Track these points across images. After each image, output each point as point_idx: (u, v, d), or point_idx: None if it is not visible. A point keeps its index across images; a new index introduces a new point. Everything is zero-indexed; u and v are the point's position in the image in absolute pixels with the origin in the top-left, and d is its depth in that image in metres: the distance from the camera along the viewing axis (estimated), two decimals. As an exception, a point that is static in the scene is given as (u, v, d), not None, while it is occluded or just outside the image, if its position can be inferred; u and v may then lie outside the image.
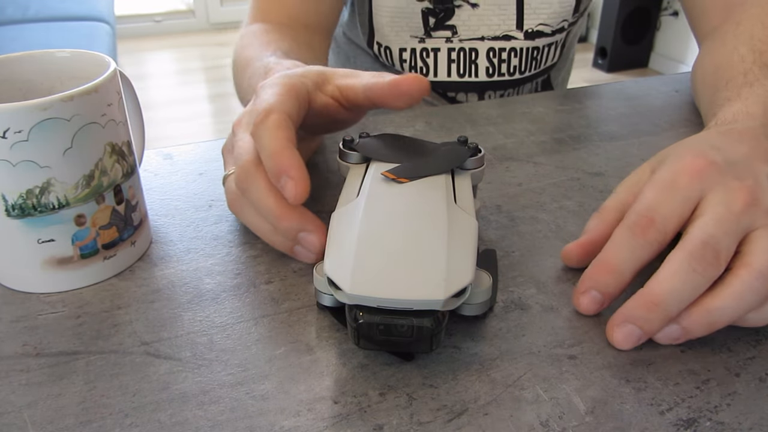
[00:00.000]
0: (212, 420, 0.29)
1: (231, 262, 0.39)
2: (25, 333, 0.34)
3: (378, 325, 0.29)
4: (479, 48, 0.73)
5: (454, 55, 0.74)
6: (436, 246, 0.31)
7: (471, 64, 0.74)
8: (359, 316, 0.29)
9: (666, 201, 0.33)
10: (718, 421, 0.29)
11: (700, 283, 0.30)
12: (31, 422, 0.29)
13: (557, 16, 0.73)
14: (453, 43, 0.73)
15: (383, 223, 0.32)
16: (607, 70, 3.06)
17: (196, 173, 0.50)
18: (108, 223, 0.37)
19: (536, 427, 0.28)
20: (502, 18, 0.72)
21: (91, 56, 0.39)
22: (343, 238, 0.31)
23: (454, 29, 0.72)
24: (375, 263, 0.30)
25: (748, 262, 0.30)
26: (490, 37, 0.73)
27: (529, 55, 0.75)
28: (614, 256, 0.33)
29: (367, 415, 0.29)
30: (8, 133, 0.32)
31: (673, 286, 0.30)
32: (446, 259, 0.30)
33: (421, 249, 0.31)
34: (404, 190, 0.35)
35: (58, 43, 1.95)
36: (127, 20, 3.46)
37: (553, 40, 0.75)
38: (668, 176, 0.34)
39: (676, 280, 0.30)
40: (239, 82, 0.60)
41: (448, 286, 0.29)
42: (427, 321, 0.29)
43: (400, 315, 0.29)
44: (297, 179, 0.32)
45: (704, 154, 0.34)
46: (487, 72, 0.75)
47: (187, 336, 0.34)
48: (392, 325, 0.29)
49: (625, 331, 0.32)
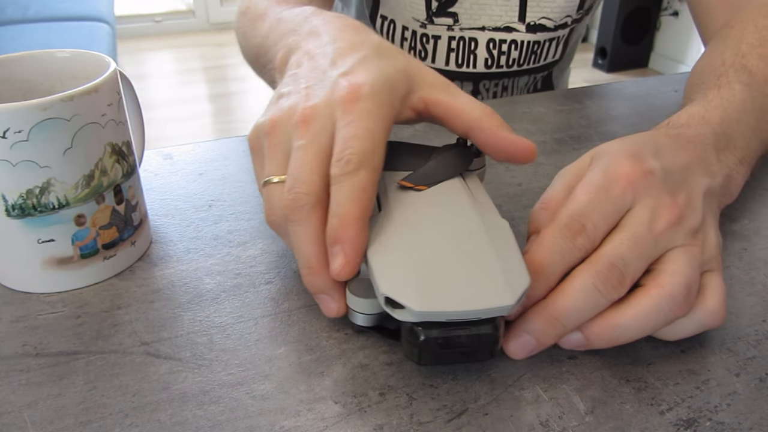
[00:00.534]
0: (212, 420, 0.29)
1: (231, 262, 0.39)
2: (25, 333, 0.34)
3: (437, 339, 0.28)
4: (479, 38, 0.73)
5: (453, 43, 0.74)
6: (485, 252, 0.30)
7: (470, 54, 0.74)
8: (420, 332, 0.28)
9: (598, 208, 0.32)
10: (718, 421, 0.29)
11: (601, 303, 0.30)
12: (31, 422, 0.29)
13: (561, 10, 0.72)
14: (454, 31, 0.73)
15: (424, 236, 0.31)
16: (607, 70, 3.06)
17: (196, 173, 0.50)
18: (108, 223, 0.37)
19: (536, 427, 0.28)
20: (505, 9, 0.71)
21: (91, 56, 0.39)
22: (389, 256, 0.30)
23: (455, 17, 0.72)
24: (435, 278, 0.29)
25: (660, 283, 0.30)
26: (491, 27, 0.72)
27: (530, 48, 0.74)
28: (544, 257, 0.32)
29: (367, 415, 0.29)
30: (8, 133, 0.32)
31: (574, 303, 0.30)
32: (500, 263, 0.29)
33: (472, 257, 0.30)
34: (428, 198, 0.34)
35: (58, 43, 1.95)
36: (127, 20, 3.46)
37: (555, 35, 0.74)
38: (602, 182, 0.33)
39: (579, 298, 0.30)
40: (250, 35, 0.55)
41: (514, 289, 0.28)
42: (487, 328, 0.29)
43: (461, 326, 0.29)
44: (349, 259, 0.30)
45: (643, 160, 0.33)
46: (486, 63, 0.75)
47: (187, 336, 0.34)
48: (454, 338, 0.28)
49: (521, 342, 0.31)
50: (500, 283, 0.29)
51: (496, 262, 0.29)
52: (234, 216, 0.44)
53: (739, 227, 0.43)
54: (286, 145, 0.33)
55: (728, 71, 0.46)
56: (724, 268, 0.39)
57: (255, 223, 0.43)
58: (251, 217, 0.44)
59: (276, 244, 0.41)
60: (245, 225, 0.43)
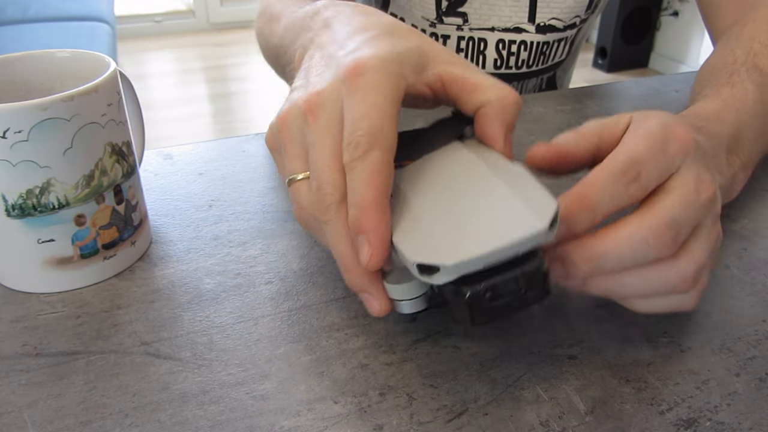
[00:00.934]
0: (212, 420, 0.29)
1: (231, 262, 0.39)
2: (25, 333, 0.34)
3: (486, 292, 0.27)
4: (488, 39, 0.73)
5: (463, 44, 0.73)
6: (501, 190, 0.29)
7: (479, 54, 0.74)
8: (464, 289, 0.27)
9: (654, 161, 0.31)
10: (718, 421, 0.29)
11: (647, 257, 0.30)
12: (31, 422, 0.29)
13: (570, 11, 0.72)
14: (463, 31, 0.73)
15: (436, 198, 0.30)
16: (607, 70, 3.06)
17: (196, 173, 0.50)
18: (108, 223, 0.37)
19: (536, 427, 0.28)
20: (515, 9, 0.71)
21: (91, 56, 0.39)
22: (408, 226, 0.29)
23: (465, 17, 0.72)
24: (459, 229, 0.28)
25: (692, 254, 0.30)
26: (501, 28, 0.72)
27: (539, 49, 0.74)
28: (594, 194, 0.30)
29: (367, 415, 0.29)
30: (8, 133, 0.32)
31: (619, 248, 0.29)
32: (518, 196, 0.28)
33: (490, 199, 0.29)
34: (430, 165, 0.32)
35: (58, 43, 1.95)
36: (127, 20, 3.46)
37: (563, 35, 0.74)
38: (661, 135, 0.32)
39: (625, 245, 0.29)
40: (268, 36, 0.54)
41: (542, 214, 0.27)
42: (532, 264, 0.27)
43: (504, 271, 0.27)
44: (375, 247, 0.29)
45: (692, 131, 0.33)
46: (495, 64, 0.74)
47: (187, 336, 0.34)
48: (501, 284, 0.27)
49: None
50: (526, 213, 0.27)
51: (514, 195, 0.28)
52: (234, 216, 0.44)
53: (739, 227, 0.43)
54: (301, 138, 0.32)
55: (740, 69, 0.47)
56: (724, 268, 0.39)
57: (255, 223, 0.43)
58: (251, 217, 0.44)
59: (276, 244, 0.41)
60: (245, 225, 0.43)
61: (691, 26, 2.86)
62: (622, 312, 0.35)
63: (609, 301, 0.35)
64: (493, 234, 0.27)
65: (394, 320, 0.35)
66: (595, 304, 0.35)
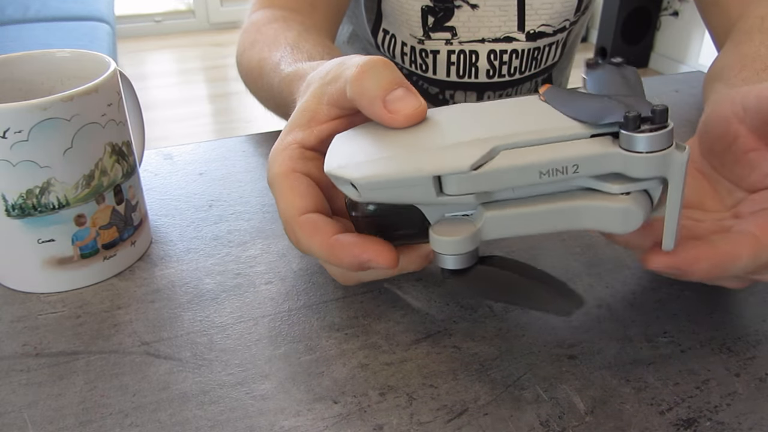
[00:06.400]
0: (212, 420, 0.29)
1: (231, 262, 0.39)
2: (25, 333, 0.34)
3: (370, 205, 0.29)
4: (479, 50, 0.73)
5: (453, 57, 0.74)
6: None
7: (471, 66, 0.74)
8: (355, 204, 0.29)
9: None
10: (718, 421, 0.29)
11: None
12: (31, 422, 0.29)
13: (559, 15, 0.72)
14: (453, 45, 0.73)
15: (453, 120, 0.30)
16: (607, 70, 3.05)
17: (196, 173, 0.50)
18: (108, 223, 0.37)
19: (536, 427, 0.28)
20: (503, 19, 0.71)
21: (91, 56, 0.39)
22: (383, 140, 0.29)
23: (453, 31, 0.72)
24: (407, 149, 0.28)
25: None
26: (491, 39, 0.72)
27: (530, 56, 0.74)
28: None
29: (367, 415, 0.29)
30: (8, 133, 0.32)
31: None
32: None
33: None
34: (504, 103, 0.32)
35: (58, 43, 1.95)
36: (127, 20, 3.46)
37: (554, 39, 0.74)
38: None
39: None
40: (255, 89, 0.56)
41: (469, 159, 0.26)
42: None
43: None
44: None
45: None
46: (488, 74, 0.75)
47: (187, 336, 0.34)
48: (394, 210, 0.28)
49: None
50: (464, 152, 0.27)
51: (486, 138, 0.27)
52: (234, 216, 0.44)
53: (739, 227, 0.43)
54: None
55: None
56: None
57: (255, 223, 0.43)
58: (251, 217, 0.44)
59: (276, 244, 0.41)
60: (245, 225, 0.43)
61: (691, 26, 2.86)
62: (622, 312, 0.35)
63: (609, 301, 0.36)
64: (423, 162, 0.26)
65: (394, 320, 0.35)
66: (595, 304, 0.35)
